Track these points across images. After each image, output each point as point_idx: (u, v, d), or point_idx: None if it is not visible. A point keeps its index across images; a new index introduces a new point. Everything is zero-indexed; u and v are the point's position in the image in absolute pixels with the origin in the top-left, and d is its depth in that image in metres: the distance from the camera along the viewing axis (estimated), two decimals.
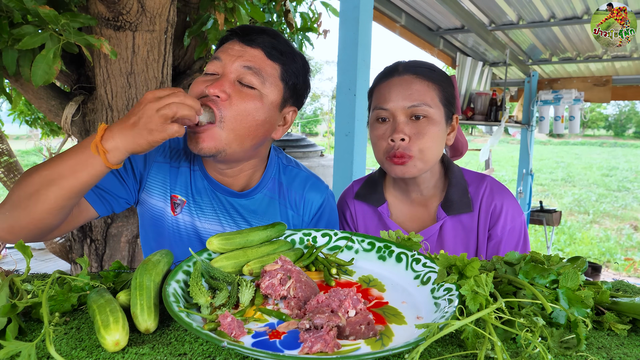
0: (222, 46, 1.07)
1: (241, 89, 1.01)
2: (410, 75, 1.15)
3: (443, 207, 1.21)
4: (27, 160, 14.51)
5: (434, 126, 1.13)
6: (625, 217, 10.81)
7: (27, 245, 0.74)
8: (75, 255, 2.26)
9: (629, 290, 0.91)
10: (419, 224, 1.26)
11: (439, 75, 1.17)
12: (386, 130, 1.15)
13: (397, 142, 1.12)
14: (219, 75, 1.02)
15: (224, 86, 0.98)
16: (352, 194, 1.36)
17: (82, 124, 2.04)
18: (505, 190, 1.23)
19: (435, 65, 1.22)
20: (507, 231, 1.18)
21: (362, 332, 0.64)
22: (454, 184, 1.22)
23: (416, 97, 1.12)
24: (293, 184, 1.22)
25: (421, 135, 1.12)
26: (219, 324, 0.63)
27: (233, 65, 1.01)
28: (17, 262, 4.48)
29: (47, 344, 0.56)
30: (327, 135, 20.03)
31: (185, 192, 1.14)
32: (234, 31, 1.07)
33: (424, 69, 1.16)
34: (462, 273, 0.75)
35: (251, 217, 1.17)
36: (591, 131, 48.14)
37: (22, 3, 1.48)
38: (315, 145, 5.79)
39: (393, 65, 1.21)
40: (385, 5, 4.24)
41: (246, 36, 1.04)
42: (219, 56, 1.03)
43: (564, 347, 0.64)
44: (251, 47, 1.04)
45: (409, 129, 1.12)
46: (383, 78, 1.20)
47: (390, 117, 1.15)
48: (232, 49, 1.03)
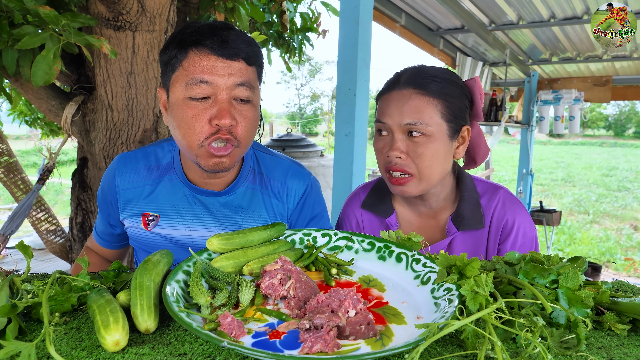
0: (193, 59, 1.00)
1: (241, 109, 1.03)
2: (409, 89, 1.09)
3: (454, 222, 1.17)
4: (27, 160, 14.50)
5: (433, 144, 1.08)
6: (625, 217, 10.81)
7: (27, 245, 0.74)
8: (75, 255, 2.26)
9: (629, 290, 0.91)
10: (428, 235, 1.23)
11: (445, 87, 1.10)
12: (385, 144, 1.13)
13: (393, 159, 1.10)
14: (211, 99, 1.00)
15: (230, 115, 1.00)
16: (359, 202, 1.32)
17: (82, 124, 2.04)
18: (519, 204, 1.19)
19: (445, 71, 1.14)
20: (518, 247, 1.15)
21: (362, 332, 0.64)
22: (466, 198, 1.18)
23: (412, 115, 1.07)
24: (274, 173, 1.23)
25: (418, 154, 1.08)
26: (219, 324, 0.63)
27: (226, 86, 1.00)
28: (17, 262, 4.48)
29: (47, 344, 0.56)
30: (327, 135, 20.03)
31: (162, 206, 1.18)
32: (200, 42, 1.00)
33: (426, 81, 1.10)
34: (462, 273, 0.75)
35: (236, 212, 1.18)
36: (591, 131, 48.12)
37: (22, 3, 1.48)
38: (315, 145, 5.79)
39: (396, 75, 1.16)
40: (385, 5, 4.24)
41: (222, 49, 1.00)
42: (205, 79, 0.98)
43: (564, 347, 0.64)
44: (234, 60, 1.01)
45: (406, 146, 1.09)
46: (386, 89, 1.15)
47: (389, 132, 1.12)
48: (215, 67, 0.99)
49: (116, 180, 1.20)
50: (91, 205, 2.19)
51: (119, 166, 1.21)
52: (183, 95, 1.01)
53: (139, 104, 1.95)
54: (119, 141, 2.00)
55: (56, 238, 2.60)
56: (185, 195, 1.17)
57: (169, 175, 1.19)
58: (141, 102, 1.95)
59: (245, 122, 1.04)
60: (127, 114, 1.96)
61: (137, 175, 1.20)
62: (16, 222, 2.15)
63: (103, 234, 1.31)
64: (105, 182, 1.24)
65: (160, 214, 1.17)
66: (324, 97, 40.84)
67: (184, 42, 1.01)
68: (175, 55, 1.02)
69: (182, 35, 1.03)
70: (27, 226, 6.23)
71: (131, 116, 1.96)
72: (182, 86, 1.01)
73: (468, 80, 1.18)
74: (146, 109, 1.98)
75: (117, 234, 1.29)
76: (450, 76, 1.13)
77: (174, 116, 1.04)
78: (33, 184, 2.46)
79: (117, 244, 1.34)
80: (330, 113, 24.11)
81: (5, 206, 8.94)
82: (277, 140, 5.74)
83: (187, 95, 1.00)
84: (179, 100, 1.02)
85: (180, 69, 1.01)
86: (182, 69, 1.01)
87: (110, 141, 1.99)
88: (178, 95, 1.02)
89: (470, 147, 1.26)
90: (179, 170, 1.18)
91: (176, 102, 1.02)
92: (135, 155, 1.22)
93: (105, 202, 1.25)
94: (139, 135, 2.01)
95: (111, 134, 1.98)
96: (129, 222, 1.21)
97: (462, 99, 1.13)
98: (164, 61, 1.05)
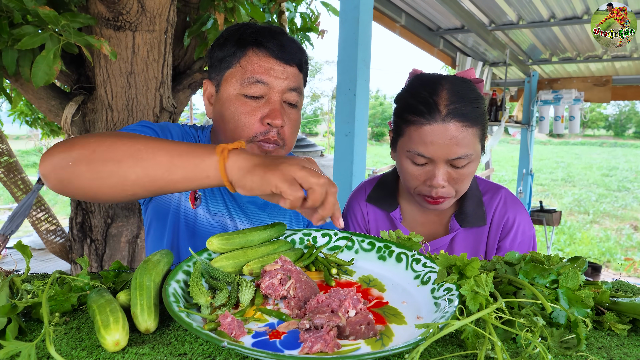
0: (253, 59, 1.03)
1: (289, 112, 1.07)
2: (456, 123, 1.03)
3: (457, 219, 1.20)
4: (27, 160, 14.50)
5: (474, 165, 1.09)
6: (625, 217, 10.82)
7: (26, 245, 0.74)
8: (75, 255, 2.26)
9: (629, 290, 0.91)
10: (431, 231, 1.25)
11: (482, 109, 1.07)
12: (422, 173, 1.09)
13: (437, 189, 1.08)
14: (264, 99, 1.04)
15: (282, 117, 1.03)
16: (364, 196, 1.33)
17: (82, 124, 2.04)
18: (519, 204, 1.22)
19: (472, 88, 1.08)
20: (517, 245, 1.18)
21: (362, 332, 0.64)
22: (469, 196, 1.20)
23: (463, 151, 1.04)
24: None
25: (461, 180, 1.08)
26: (219, 324, 0.63)
27: (280, 88, 1.04)
28: (17, 262, 4.48)
29: (47, 344, 0.56)
30: (327, 135, 20.03)
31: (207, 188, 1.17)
32: (261, 43, 1.04)
33: (468, 110, 1.04)
34: (462, 273, 0.75)
35: (263, 209, 1.21)
36: (591, 131, 48.11)
37: (22, 3, 1.49)
38: (315, 145, 5.80)
39: (434, 103, 1.04)
40: (385, 5, 4.24)
41: (281, 53, 1.04)
42: (262, 79, 1.03)
43: (564, 347, 0.64)
44: (289, 65, 1.06)
45: (449, 175, 1.07)
46: (424, 119, 1.04)
47: (429, 162, 1.07)
48: (273, 70, 1.04)
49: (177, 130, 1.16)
50: (91, 205, 2.19)
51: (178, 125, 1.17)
52: (237, 91, 1.04)
53: (139, 104, 1.95)
54: None
55: (56, 238, 2.60)
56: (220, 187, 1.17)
57: None
58: (141, 102, 1.95)
59: (292, 124, 1.08)
60: (127, 114, 1.96)
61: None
62: (16, 222, 2.15)
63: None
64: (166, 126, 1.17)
65: (202, 195, 1.16)
66: (324, 97, 40.85)
67: (244, 41, 1.06)
68: (234, 52, 1.05)
69: (241, 35, 1.06)
70: (27, 226, 6.24)
71: (131, 116, 1.96)
72: (237, 83, 1.04)
73: (477, 82, 1.14)
74: (146, 109, 1.98)
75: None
76: (475, 90, 1.09)
77: (225, 110, 1.06)
78: (33, 184, 2.46)
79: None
80: (330, 113, 24.12)
81: (5, 206, 8.94)
82: None
83: (242, 92, 1.04)
84: (231, 95, 1.05)
85: (237, 66, 1.05)
86: (239, 67, 1.05)
87: None
88: (231, 91, 1.05)
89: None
90: None
91: (228, 97, 1.05)
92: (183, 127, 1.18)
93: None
94: None
95: None
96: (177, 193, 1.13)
97: (487, 114, 1.13)
98: (218, 57, 1.08)
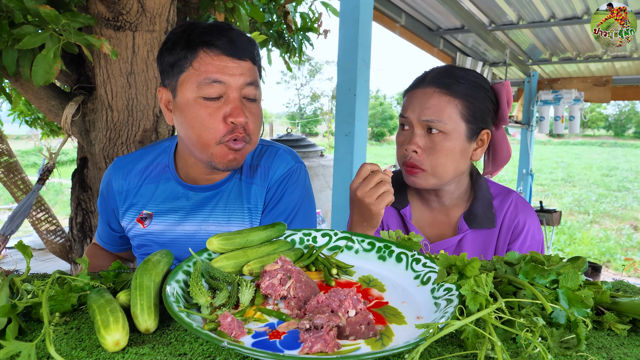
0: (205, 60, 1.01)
1: (250, 107, 1.07)
2: (432, 87, 1.13)
3: (466, 220, 1.21)
4: (27, 160, 14.49)
5: (449, 142, 1.12)
6: (625, 217, 10.82)
7: (27, 245, 0.74)
8: (75, 255, 2.26)
9: (629, 290, 0.91)
10: (439, 231, 1.26)
11: (468, 89, 1.13)
12: (405, 138, 1.17)
13: (410, 153, 1.14)
14: (223, 98, 1.03)
15: (244, 113, 1.03)
16: None
17: (82, 124, 2.04)
18: (530, 208, 1.23)
19: (472, 73, 1.17)
20: (526, 248, 1.18)
21: (362, 332, 0.64)
22: (479, 198, 1.22)
23: (431, 113, 1.11)
24: (262, 158, 1.22)
25: (434, 151, 1.12)
26: (219, 324, 0.63)
27: (237, 85, 1.03)
28: (17, 262, 4.48)
29: (47, 344, 0.56)
30: (327, 135, 20.03)
31: (158, 203, 1.19)
32: (211, 42, 1.02)
33: (450, 81, 1.13)
34: (462, 273, 0.75)
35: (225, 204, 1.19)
36: (591, 131, 48.11)
37: (22, 3, 1.48)
38: (315, 145, 5.79)
39: (424, 74, 1.20)
40: (385, 5, 4.24)
41: (232, 49, 1.02)
42: (218, 79, 1.01)
43: (564, 347, 0.64)
44: (242, 60, 1.04)
45: (424, 141, 1.13)
46: (413, 86, 1.20)
47: (410, 126, 1.16)
48: (227, 67, 1.02)
49: (112, 184, 1.22)
50: (91, 205, 2.19)
51: (114, 170, 1.23)
52: (195, 94, 1.02)
53: (139, 104, 1.95)
54: (119, 141, 2.00)
55: (56, 238, 2.60)
56: (178, 193, 1.18)
57: (166, 175, 1.20)
58: (141, 102, 1.95)
59: (255, 119, 1.08)
60: (127, 114, 1.96)
61: (132, 176, 1.21)
62: (16, 222, 2.15)
63: (105, 237, 1.33)
64: (104, 187, 1.26)
65: (154, 212, 1.19)
66: (324, 97, 40.88)
67: (193, 43, 1.02)
68: (184, 55, 1.02)
69: (189, 36, 1.03)
70: (27, 226, 6.24)
71: (131, 116, 1.96)
72: (193, 86, 1.02)
73: (497, 84, 1.19)
74: (146, 109, 1.98)
75: (118, 236, 1.30)
76: (476, 79, 1.16)
77: (185, 116, 1.04)
78: (33, 184, 2.46)
79: (119, 247, 1.35)
80: (330, 113, 24.13)
81: (5, 206, 8.94)
82: (277, 140, 5.75)
83: (200, 95, 1.02)
84: (189, 100, 1.03)
85: (190, 69, 1.02)
86: (192, 69, 1.02)
87: (110, 141, 2.00)
88: (189, 95, 1.03)
89: (492, 150, 1.28)
90: (172, 169, 1.20)
91: (187, 102, 1.03)
92: (130, 157, 1.24)
93: (105, 207, 1.26)
94: (139, 135, 2.01)
95: (111, 134, 1.98)
96: (126, 222, 1.22)
97: (486, 102, 1.16)
98: (169, 62, 1.05)
